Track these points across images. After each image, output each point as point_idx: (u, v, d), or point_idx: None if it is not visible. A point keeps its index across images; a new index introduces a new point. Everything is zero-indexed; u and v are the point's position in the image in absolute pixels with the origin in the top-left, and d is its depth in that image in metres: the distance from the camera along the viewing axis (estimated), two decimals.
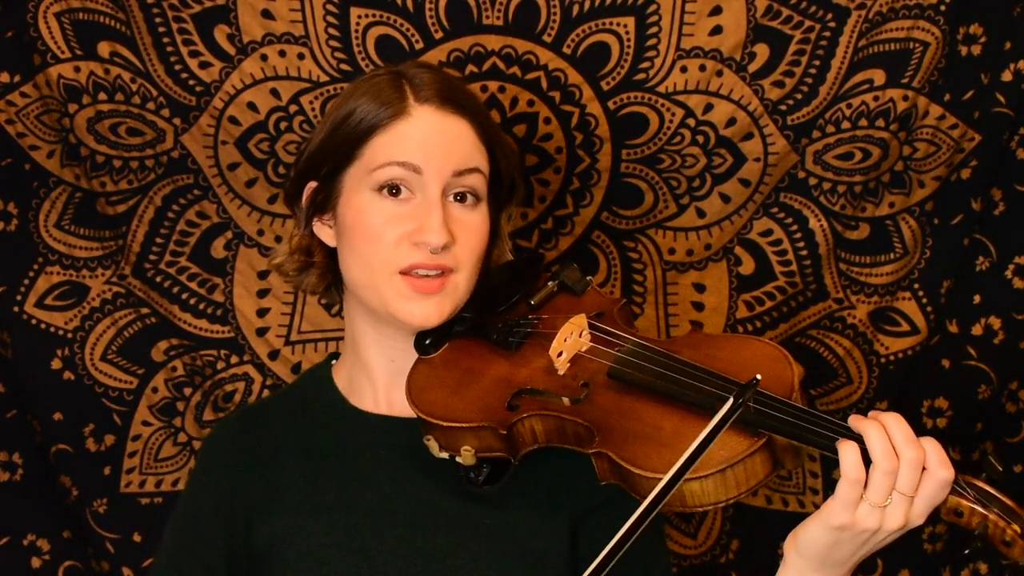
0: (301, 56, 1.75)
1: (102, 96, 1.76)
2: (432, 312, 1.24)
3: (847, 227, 1.84)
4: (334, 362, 1.40)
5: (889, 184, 1.83)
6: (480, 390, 1.23)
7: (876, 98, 1.77)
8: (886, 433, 1.03)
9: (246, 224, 1.84)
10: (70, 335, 1.84)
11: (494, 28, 1.75)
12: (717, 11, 1.73)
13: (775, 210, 1.84)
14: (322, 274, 1.34)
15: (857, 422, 1.05)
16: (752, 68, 1.76)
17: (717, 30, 1.74)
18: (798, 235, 1.84)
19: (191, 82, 1.76)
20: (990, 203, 1.83)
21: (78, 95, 1.76)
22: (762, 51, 1.76)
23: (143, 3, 1.73)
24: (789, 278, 1.86)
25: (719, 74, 1.76)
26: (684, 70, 1.76)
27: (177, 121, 1.79)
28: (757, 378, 1.05)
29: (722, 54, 1.75)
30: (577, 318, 1.24)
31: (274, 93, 1.77)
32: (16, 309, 1.81)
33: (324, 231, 1.31)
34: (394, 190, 1.23)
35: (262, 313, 1.87)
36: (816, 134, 1.79)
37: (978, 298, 1.85)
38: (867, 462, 1.03)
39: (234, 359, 1.88)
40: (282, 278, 1.39)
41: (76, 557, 1.88)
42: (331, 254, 1.32)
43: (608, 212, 1.84)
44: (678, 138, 1.80)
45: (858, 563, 1.09)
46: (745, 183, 1.82)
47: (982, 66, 1.76)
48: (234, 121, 1.78)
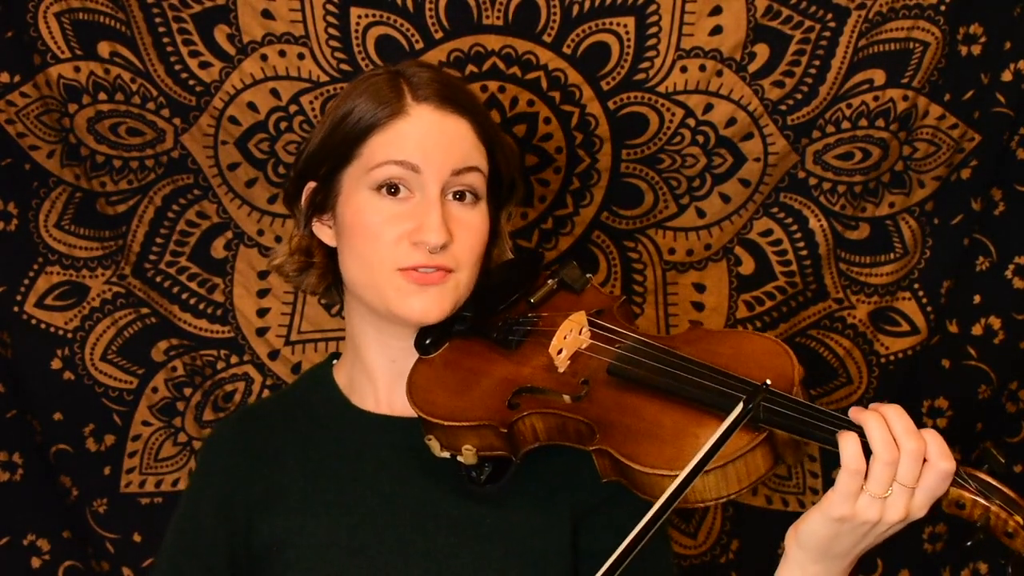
0: (301, 56, 1.75)
1: (102, 96, 1.76)
2: (432, 306, 1.23)
3: (847, 227, 1.84)
4: (335, 362, 1.40)
5: (889, 184, 1.83)
6: (481, 389, 1.23)
7: (876, 98, 1.77)
8: (887, 424, 1.03)
9: (246, 224, 1.84)
10: (70, 335, 1.84)
11: (494, 28, 1.75)
12: (717, 11, 1.73)
13: (775, 210, 1.84)
14: (322, 274, 1.34)
15: (858, 414, 1.05)
16: (752, 68, 1.76)
17: (717, 30, 1.74)
18: (798, 235, 1.84)
19: (191, 82, 1.76)
20: (990, 203, 1.83)
21: (78, 95, 1.76)
22: (762, 51, 1.76)
23: (143, 3, 1.73)
24: (789, 278, 1.86)
25: (719, 74, 1.76)
26: (684, 70, 1.76)
27: (177, 121, 1.79)
28: (767, 383, 1.05)
29: (722, 54, 1.75)
30: (577, 315, 1.24)
31: (274, 93, 1.77)
32: (16, 309, 1.81)
33: (323, 231, 1.31)
34: (393, 189, 1.23)
35: (262, 313, 1.87)
36: (816, 134, 1.79)
37: (978, 298, 1.85)
38: (868, 454, 1.02)
39: (234, 359, 1.88)
40: (282, 278, 1.39)
41: (76, 557, 1.88)
42: (331, 254, 1.32)
43: (608, 212, 1.84)
44: (678, 138, 1.80)
45: (859, 556, 1.09)
46: (745, 183, 1.82)
47: (982, 66, 1.76)
48: (234, 121, 1.78)
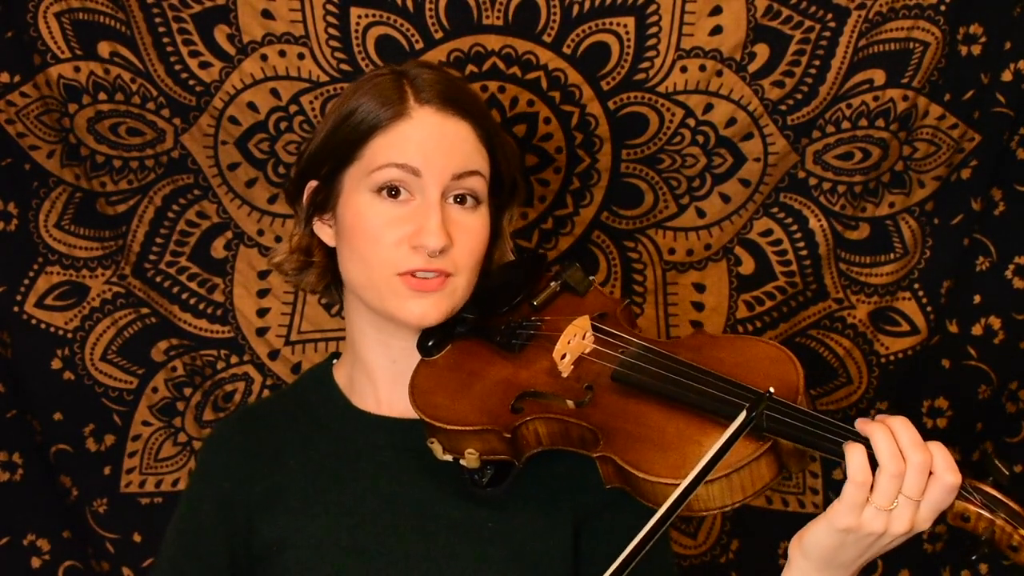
0: (301, 56, 1.75)
1: (102, 96, 1.76)
2: (430, 310, 1.23)
3: (847, 227, 1.84)
4: (335, 361, 1.40)
5: (889, 184, 1.83)
6: (483, 393, 1.22)
7: (876, 98, 1.77)
8: (893, 436, 1.03)
9: (246, 224, 1.84)
10: (70, 335, 1.84)
11: (494, 28, 1.75)
12: (717, 11, 1.73)
13: (775, 210, 1.84)
14: (321, 273, 1.34)
15: (864, 425, 1.05)
16: (752, 68, 1.76)
17: (717, 30, 1.74)
18: (798, 235, 1.84)
19: (191, 82, 1.76)
20: (990, 203, 1.83)
21: (78, 95, 1.75)
22: (762, 51, 1.76)
23: (143, 3, 1.73)
24: (789, 278, 1.86)
25: (719, 74, 1.76)
26: (684, 70, 1.76)
27: (177, 121, 1.79)
28: (770, 391, 1.04)
29: (722, 54, 1.75)
30: (581, 320, 1.23)
31: (274, 93, 1.77)
32: (16, 309, 1.81)
33: (324, 230, 1.31)
34: (393, 191, 1.23)
35: (262, 313, 1.87)
36: (816, 134, 1.79)
37: (978, 298, 1.85)
38: (873, 465, 1.02)
39: (234, 359, 1.88)
40: (282, 277, 1.39)
41: (76, 557, 1.88)
42: (331, 254, 1.32)
43: (608, 212, 1.84)
44: (678, 138, 1.80)
45: (863, 566, 1.09)
46: (745, 183, 1.82)
47: (982, 66, 1.75)
48: (234, 121, 1.78)
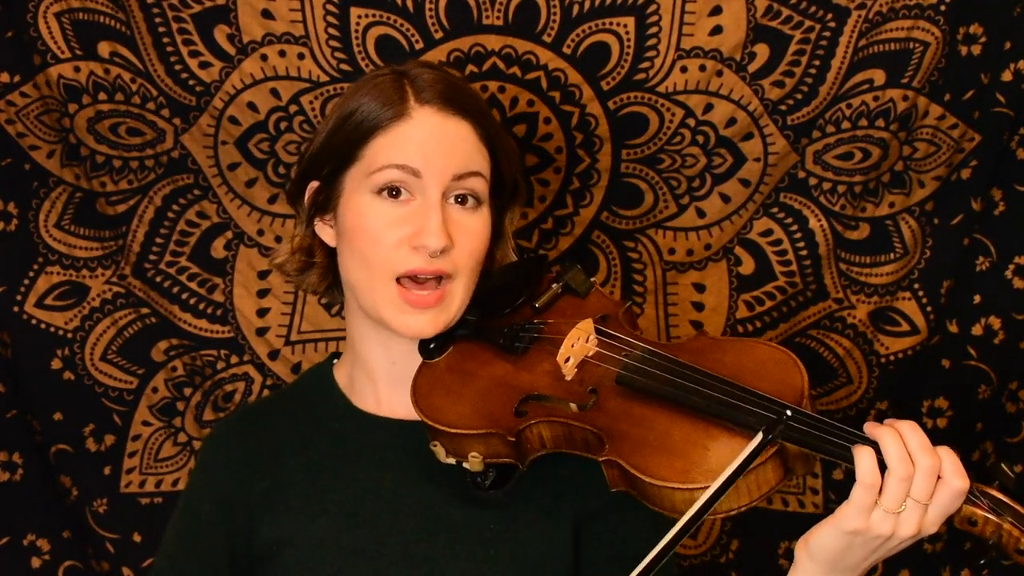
0: (301, 56, 1.75)
1: (102, 96, 1.76)
2: (427, 326, 1.23)
3: (847, 227, 1.84)
4: (335, 361, 1.40)
5: (889, 184, 1.83)
6: (487, 396, 1.22)
7: (876, 98, 1.77)
8: (902, 440, 1.03)
9: (246, 224, 1.84)
10: (70, 335, 1.84)
11: (494, 28, 1.75)
12: (717, 11, 1.73)
13: (775, 210, 1.84)
14: (323, 274, 1.34)
15: (873, 429, 1.05)
16: (752, 68, 1.76)
17: (717, 30, 1.74)
18: (798, 235, 1.84)
19: (191, 82, 1.76)
20: (990, 203, 1.83)
21: (78, 95, 1.75)
22: (762, 51, 1.76)
23: (143, 3, 1.73)
24: (789, 278, 1.86)
25: (719, 74, 1.76)
26: (684, 70, 1.76)
27: (177, 121, 1.79)
28: (787, 413, 1.04)
29: (722, 54, 1.75)
30: (584, 323, 1.23)
31: (274, 93, 1.77)
32: (16, 309, 1.81)
33: (325, 231, 1.31)
34: (394, 192, 1.23)
35: (262, 313, 1.87)
36: (816, 134, 1.79)
37: (978, 298, 1.85)
38: (882, 469, 1.02)
39: (234, 359, 1.88)
40: (283, 277, 1.38)
41: (76, 557, 1.88)
42: (332, 254, 1.32)
43: (608, 212, 1.84)
44: (678, 138, 1.80)
45: (869, 568, 1.09)
46: (745, 183, 1.82)
47: (982, 66, 1.75)
48: (234, 121, 1.78)
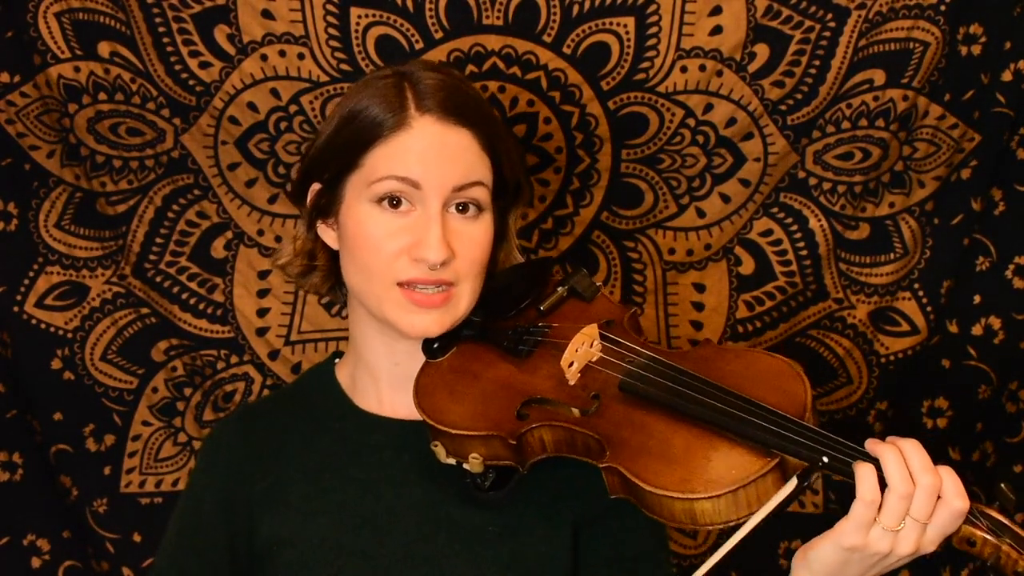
0: (301, 56, 1.75)
1: (102, 96, 1.76)
2: (432, 325, 1.23)
3: (847, 227, 1.84)
4: (337, 360, 1.40)
5: (889, 184, 1.83)
6: (489, 397, 1.22)
7: (876, 98, 1.77)
8: (903, 458, 1.03)
9: (246, 224, 1.84)
10: (70, 335, 1.84)
11: (494, 28, 1.75)
12: (717, 11, 1.73)
13: (775, 210, 1.84)
14: (325, 276, 1.34)
15: (874, 445, 1.04)
16: (752, 68, 1.76)
17: (717, 30, 1.74)
18: (798, 235, 1.84)
19: (191, 82, 1.76)
20: (990, 203, 1.83)
21: (78, 95, 1.75)
22: (762, 51, 1.76)
23: (143, 3, 1.73)
24: (789, 278, 1.86)
25: (719, 74, 1.76)
26: (684, 70, 1.76)
27: (177, 121, 1.79)
28: (824, 460, 1.02)
29: (722, 54, 1.75)
30: (589, 328, 1.22)
31: (274, 93, 1.77)
32: (16, 309, 1.81)
33: (328, 233, 1.31)
34: (394, 201, 1.22)
35: (262, 313, 1.87)
36: (816, 134, 1.79)
37: (978, 298, 1.85)
38: (882, 486, 1.02)
39: (234, 359, 1.88)
40: (286, 278, 1.38)
41: (76, 557, 1.88)
42: (335, 256, 1.32)
43: (608, 212, 1.84)
44: (678, 138, 1.80)
45: None
46: (745, 183, 1.82)
47: (982, 66, 1.75)
48: (234, 121, 1.78)
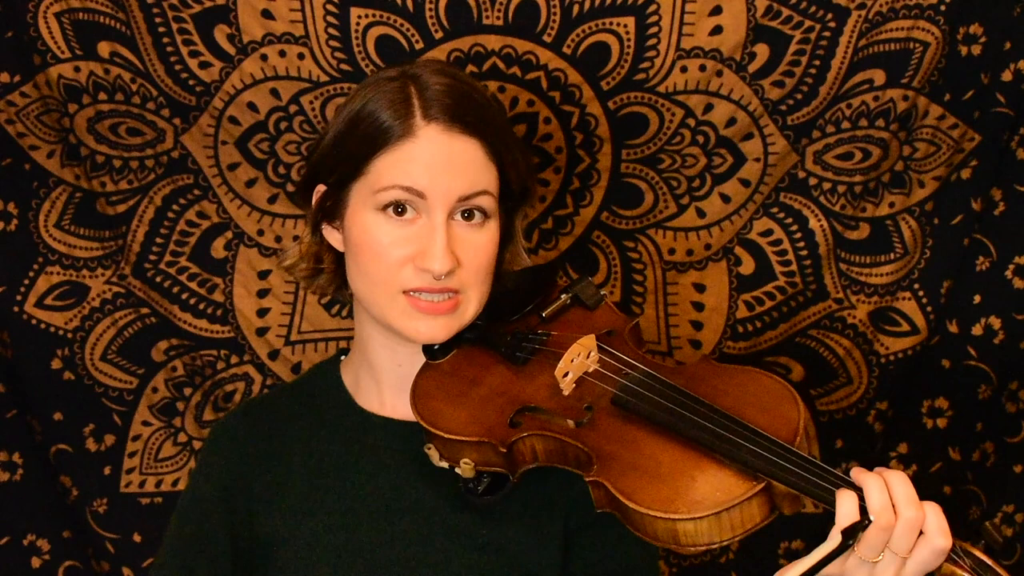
0: (301, 56, 1.75)
1: (102, 96, 1.76)
2: (439, 331, 1.23)
3: (847, 227, 1.84)
4: (343, 358, 1.40)
5: (889, 184, 1.83)
6: (484, 403, 1.22)
7: (876, 98, 1.77)
8: (887, 489, 1.00)
9: (246, 224, 1.84)
10: (70, 335, 1.84)
11: (494, 28, 1.75)
12: (717, 11, 1.73)
13: (775, 210, 1.84)
14: (331, 278, 1.35)
15: (859, 474, 1.02)
16: (752, 68, 1.76)
17: (717, 30, 1.74)
18: (798, 235, 1.84)
19: (191, 82, 1.76)
20: (990, 203, 1.83)
21: (78, 95, 1.75)
22: (762, 51, 1.75)
23: (143, 3, 1.72)
24: (789, 278, 1.86)
25: (719, 74, 1.76)
26: (684, 70, 1.76)
27: (177, 121, 1.79)
28: (869, 520, 1.00)
29: (722, 54, 1.75)
30: (586, 339, 1.22)
31: (274, 93, 1.77)
32: (16, 309, 1.81)
33: (333, 235, 1.31)
34: (399, 209, 1.22)
35: (262, 313, 1.87)
36: (816, 134, 1.79)
37: (978, 298, 1.85)
38: (864, 517, 0.99)
39: (234, 359, 1.88)
40: (294, 278, 1.38)
41: (76, 557, 1.88)
42: (340, 258, 1.32)
43: (608, 212, 1.84)
44: (678, 138, 1.80)
45: None
46: (745, 183, 1.82)
47: (982, 66, 1.75)
48: (234, 121, 1.78)
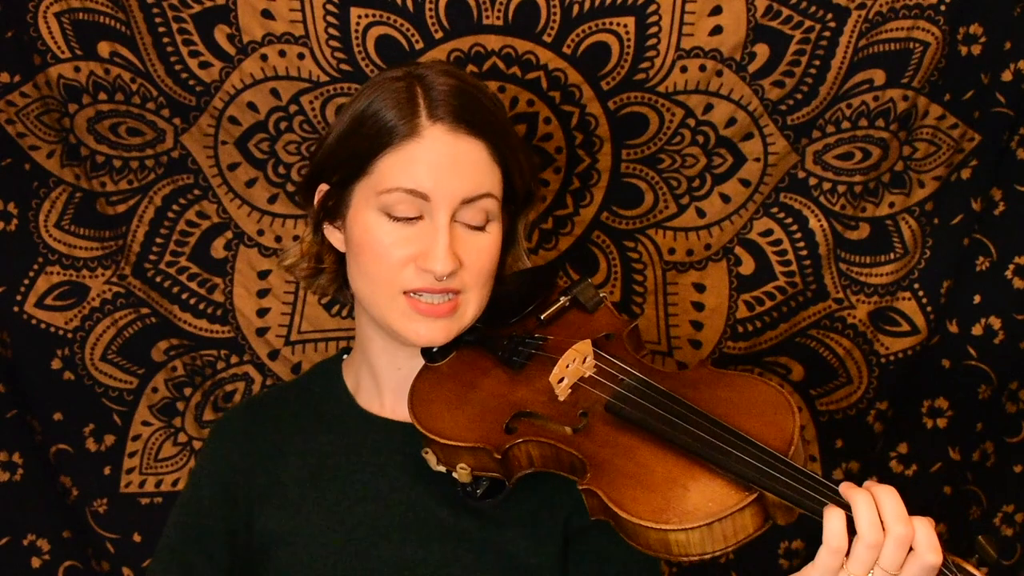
0: (301, 56, 1.75)
1: (102, 96, 1.76)
2: (438, 334, 1.23)
3: (847, 227, 1.84)
4: (345, 358, 1.40)
5: (889, 184, 1.83)
6: (480, 408, 1.21)
7: (876, 98, 1.77)
8: (876, 505, 0.99)
9: (246, 224, 1.84)
10: (70, 335, 1.84)
11: (494, 28, 1.75)
12: (717, 11, 1.73)
13: (775, 210, 1.84)
14: (332, 278, 1.35)
15: (848, 490, 1.01)
16: (752, 68, 1.76)
17: (717, 30, 1.74)
18: (798, 235, 1.84)
19: (191, 82, 1.76)
20: (990, 203, 1.83)
21: (78, 95, 1.75)
22: (762, 51, 1.75)
23: (143, 3, 1.72)
24: (789, 278, 1.86)
25: (719, 74, 1.76)
26: (684, 70, 1.76)
27: (177, 121, 1.79)
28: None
29: (722, 54, 1.75)
30: (582, 344, 1.21)
31: (274, 93, 1.77)
32: (16, 309, 1.81)
33: (334, 235, 1.31)
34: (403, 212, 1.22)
35: (262, 313, 1.87)
36: (816, 134, 1.79)
37: (978, 298, 1.85)
38: (853, 532, 0.99)
39: (234, 359, 1.88)
40: (294, 278, 1.38)
41: (76, 557, 1.88)
42: (341, 258, 1.32)
43: (608, 212, 1.84)
44: (678, 138, 1.80)
45: None
46: (745, 183, 1.82)
47: (982, 66, 1.75)
48: (234, 121, 1.78)
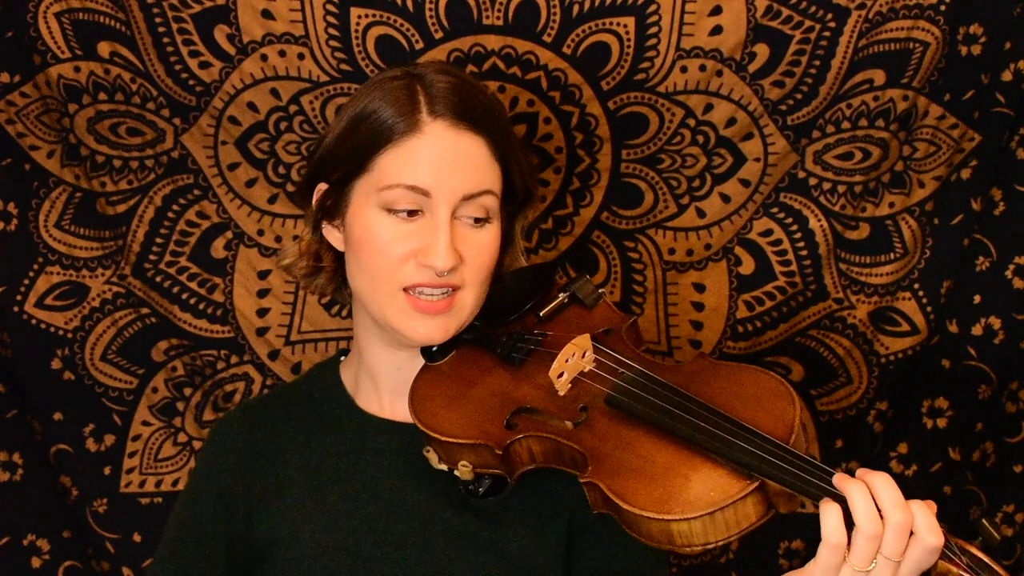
0: (301, 56, 1.75)
1: (102, 96, 1.76)
2: (437, 331, 1.23)
3: (847, 227, 1.84)
4: (343, 359, 1.40)
5: (889, 184, 1.83)
6: (480, 405, 1.22)
7: (876, 98, 1.76)
8: (871, 495, 0.98)
9: (246, 224, 1.84)
10: (70, 335, 1.84)
11: (494, 28, 1.75)
12: (717, 11, 1.73)
13: (775, 210, 1.84)
14: (331, 277, 1.35)
15: (842, 482, 0.99)
16: (752, 68, 1.76)
17: (717, 30, 1.74)
18: (798, 235, 1.84)
19: (191, 82, 1.76)
20: (990, 203, 1.83)
21: (78, 95, 1.75)
22: (762, 51, 1.75)
23: (143, 3, 1.72)
24: (789, 278, 1.86)
25: (719, 74, 1.76)
26: (684, 70, 1.76)
27: (177, 121, 1.79)
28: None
29: (722, 54, 1.75)
30: (581, 339, 1.21)
31: (274, 93, 1.77)
32: (16, 309, 1.81)
33: (333, 234, 1.31)
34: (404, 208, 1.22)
35: (262, 313, 1.87)
36: (816, 134, 1.79)
37: (978, 298, 1.85)
38: (852, 523, 0.98)
39: (234, 359, 1.88)
40: (292, 278, 1.38)
41: (76, 557, 1.88)
42: (340, 257, 1.32)
43: (608, 212, 1.84)
44: (678, 138, 1.80)
45: None
46: (745, 183, 1.82)
47: (982, 66, 1.75)
48: (234, 121, 1.78)
